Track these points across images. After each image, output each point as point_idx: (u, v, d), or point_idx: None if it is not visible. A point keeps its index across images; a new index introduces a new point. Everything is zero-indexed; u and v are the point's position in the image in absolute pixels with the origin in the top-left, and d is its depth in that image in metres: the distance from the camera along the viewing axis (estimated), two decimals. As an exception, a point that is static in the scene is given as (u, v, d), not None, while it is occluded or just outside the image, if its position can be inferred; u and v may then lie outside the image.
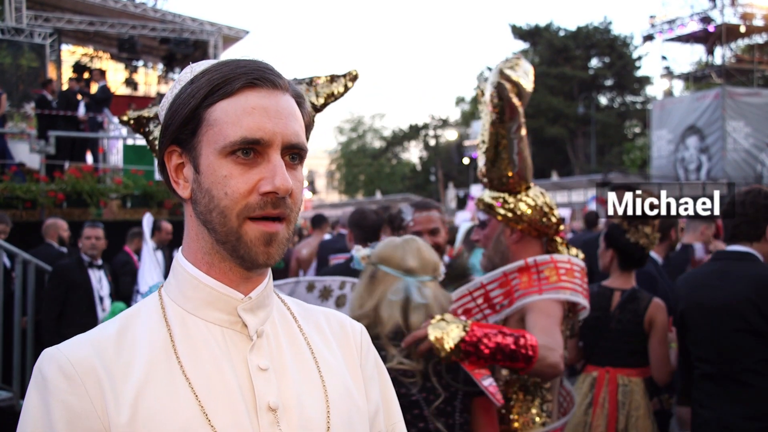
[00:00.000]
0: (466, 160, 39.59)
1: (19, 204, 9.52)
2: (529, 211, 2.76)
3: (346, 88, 2.67)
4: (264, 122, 1.07)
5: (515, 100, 2.66)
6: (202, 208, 1.10)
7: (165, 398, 1.05)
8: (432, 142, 55.08)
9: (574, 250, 2.85)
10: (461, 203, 27.48)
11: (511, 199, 2.78)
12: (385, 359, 2.11)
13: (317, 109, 2.62)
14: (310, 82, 2.62)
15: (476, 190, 22.66)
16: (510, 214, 2.78)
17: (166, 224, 8.75)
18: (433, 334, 2.16)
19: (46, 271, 6.42)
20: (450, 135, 49.33)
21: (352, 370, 1.24)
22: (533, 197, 2.78)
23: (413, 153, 59.67)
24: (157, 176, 12.27)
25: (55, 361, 1.04)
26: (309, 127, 1.17)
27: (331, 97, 2.64)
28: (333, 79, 2.67)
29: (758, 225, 2.98)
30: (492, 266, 2.82)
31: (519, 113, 2.68)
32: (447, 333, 2.17)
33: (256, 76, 1.09)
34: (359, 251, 2.47)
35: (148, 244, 5.28)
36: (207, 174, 1.08)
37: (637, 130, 46.75)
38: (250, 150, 1.06)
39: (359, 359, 1.27)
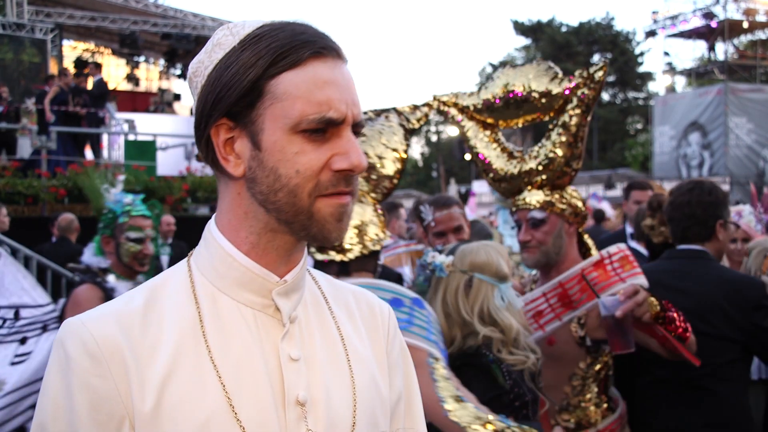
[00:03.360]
0: (467, 156, 39.52)
1: (20, 200, 9.53)
2: (580, 204, 2.84)
3: (424, 119, 2.75)
4: (338, 98, 1.01)
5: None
6: (263, 188, 1.02)
7: (191, 386, 1.00)
8: (434, 138, 55.05)
9: (589, 241, 2.92)
10: (463, 199, 27.39)
11: (565, 195, 2.84)
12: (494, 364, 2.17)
13: (411, 132, 2.68)
14: (398, 112, 2.69)
15: (478, 187, 22.63)
16: (569, 208, 2.82)
17: (168, 217, 8.69)
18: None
19: (49, 267, 6.43)
20: (452, 131, 49.26)
21: (378, 358, 1.19)
22: (575, 191, 2.86)
23: (415, 149, 59.66)
24: (160, 171, 12.23)
25: (79, 338, 0.99)
26: None
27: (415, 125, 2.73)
28: (415, 108, 2.75)
29: (707, 224, 2.85)
30: (547, 263, 2.81)
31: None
32: None
33: (322, 45, 1.02)
34: (437, 258, 2.41)
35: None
36: (272, 151, 1.01)
37: (639, 126, 46.70)
38: (323, 125, 1.00)
39: (386, 344, 1.22)
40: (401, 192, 43.15)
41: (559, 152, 2.78)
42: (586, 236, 2.92)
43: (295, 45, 1.00)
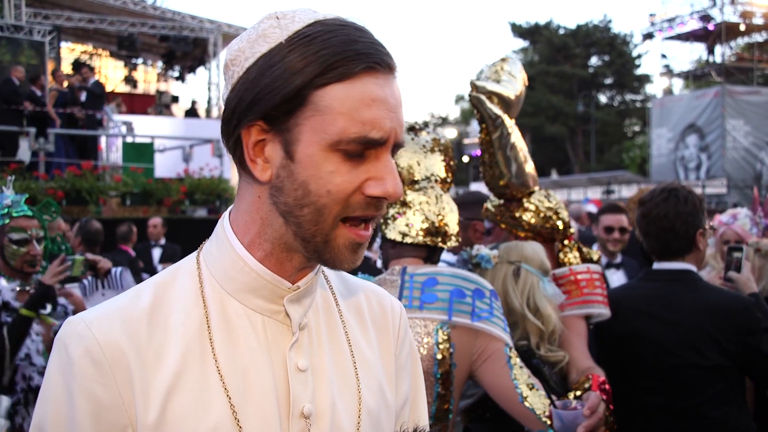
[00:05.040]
0: (465, 159, 39.54)
1: (18, 201, 9.51)
2: (530, 218, 2.68)
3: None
4: (384, 119, 0.94)
5: (495, 110, 2.56)
6: (289, 200, 0.96)
7: (196, 397, 0.96)
8: (431, 140, 55.00)
9: (586, 250, 2.76)
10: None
11: (512, 206, 2.72)
12: (529, 354, 2.18)
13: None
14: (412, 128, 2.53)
15: (476, 188, 22.64)
16: (512, 221, 2.72)
17: (153, 219, 8.67)
18: None
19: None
20: (449, 133, 49.26)
21: (386, 363, 1.17)
22: (535, 202, 2.70)
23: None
24: (158, 173, 12.20)
25: (83, 342, 0.95)
26: None
27: None
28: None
29: (688, 236, 2.64)
30: None
31: (502, 122, 2.58)
32: None
33: (377, 59, 0.94)
34: (482, 250, 2.45)
35: None
36: (306, 165, 0.94)
37: (637, 128, 46.77)
38: (363, 146, 0.94)
39: (395, 347, 1.19)
40: (399, 194, 43.05)
41: (485, 171, 2.70)
42: (573, 248, 2.74)
43: (347, 56, 0.92)
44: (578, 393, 2.11)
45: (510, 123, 2.62)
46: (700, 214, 2.67)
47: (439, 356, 2.06)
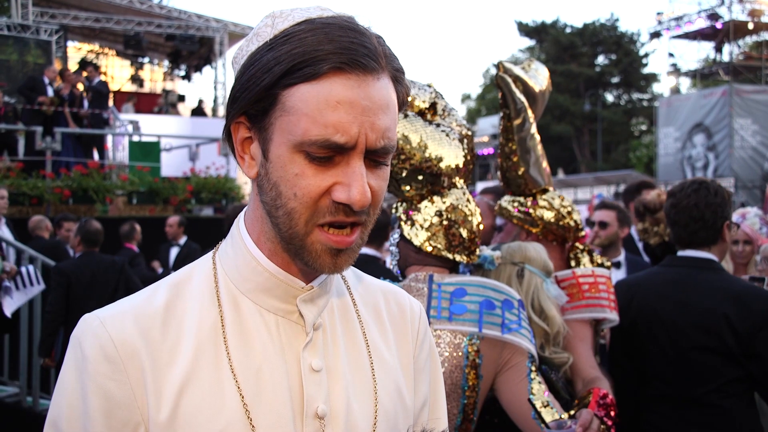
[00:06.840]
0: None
1: (25, 200, 9.55)
2: (544, 214, 2.67)
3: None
4: (349, 123, 0.90)
5: (521, 96, 2.56)
6: (267, 199, 0.97)
7: (209, 395, 0.97)
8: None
9: (598, 258, 2.74)
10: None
11: (526, 202, 2.71)
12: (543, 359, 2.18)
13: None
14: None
15: (482, 188, 22.61)
16: (524, 217, 2.70)
17: (171, 218, 8.62)
18: None
19: (51, 268, 6.44)
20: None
21: (404, 365, 1.15)
22: (548, 200, 2.69)
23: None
24: (164, 172, 12.20)
25: (97, 339, 0.95)
26: (404, 104, 1.01)
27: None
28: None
29: (715, 227, 2.68)
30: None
31: (525, 110, 2.57)
32: None
33: (346, 60, 0.90)
34: (484, 251, 2.41)
35: None
36: (276, 166, 0.94)
37: (644, 127, 46.62)
38: (329, 149, 0.92)
39: (414, 349, 1.18)
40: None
41: (500, 154, 2.70)
42: (582, 251, 2.72)
43: (316, 56, 0.90)
44: (572, 412, 2.10)
45: (531, 115, 2.62)
46: (728, 207, 2.72)
47: (468, 369, 2.04)
